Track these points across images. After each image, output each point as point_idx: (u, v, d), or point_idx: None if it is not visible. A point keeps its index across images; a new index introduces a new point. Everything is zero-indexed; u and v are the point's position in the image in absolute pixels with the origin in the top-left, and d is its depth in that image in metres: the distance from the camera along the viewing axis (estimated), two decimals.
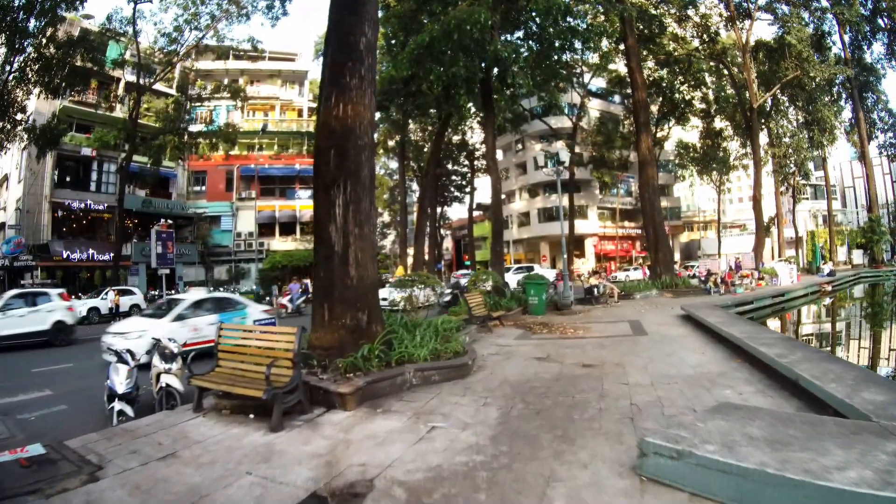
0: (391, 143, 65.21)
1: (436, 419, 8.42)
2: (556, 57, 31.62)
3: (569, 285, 26.78)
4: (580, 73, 56.83)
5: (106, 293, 38.91)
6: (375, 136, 64.81)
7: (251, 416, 8.82)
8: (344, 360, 10.29)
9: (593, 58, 55.15)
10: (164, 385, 10.31)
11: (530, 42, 32.03)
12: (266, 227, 64.28)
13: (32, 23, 36.28)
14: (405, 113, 50.69)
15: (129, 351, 10.65)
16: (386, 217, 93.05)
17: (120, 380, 9.74)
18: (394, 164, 78.11)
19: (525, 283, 25.88)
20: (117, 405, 9.53)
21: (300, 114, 72.70)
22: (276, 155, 67.78)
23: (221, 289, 51.50)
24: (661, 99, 56.31)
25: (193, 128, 55.15)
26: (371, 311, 11.61)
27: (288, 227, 65.15)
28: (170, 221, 50.36)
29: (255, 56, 64.16)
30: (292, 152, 69.01)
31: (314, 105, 67.58)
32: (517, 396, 9.62)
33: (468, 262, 67.24)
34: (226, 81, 58.85)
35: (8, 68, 36.77)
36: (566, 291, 26.13)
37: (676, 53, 49.01)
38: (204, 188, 64.17)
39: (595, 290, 29.74)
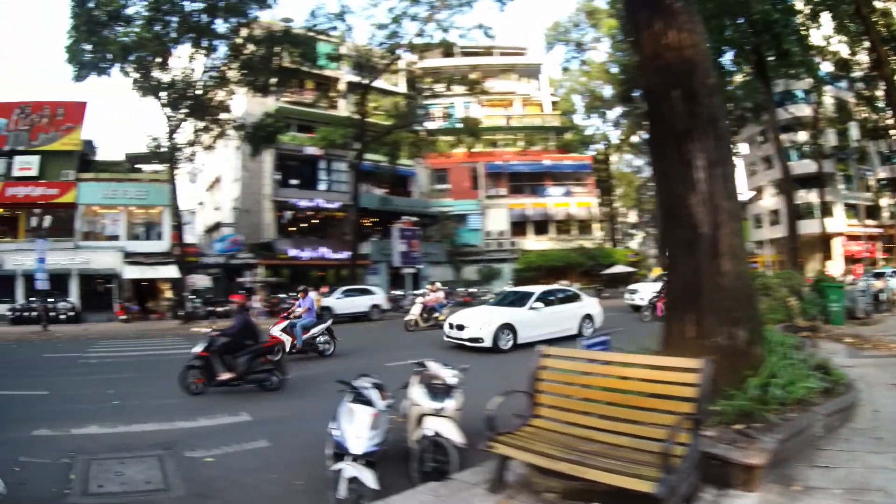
0: (635, 138, 63.81)
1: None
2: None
3: (869, 291, 22.89)
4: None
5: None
6: (618, 132, 68.50)
7: None
8: (729, 403, 6.28)
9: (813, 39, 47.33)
10: (429, 433, 6.49)
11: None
12: (517, 226, 59.05)
13: (220, 23, 35.95)
14: None
15: (377, 385, 6.64)
16: (631, 217, 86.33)
17: (357, 432, 5.86)
18: (637, 162, 74.55)
19: (825, 287, 21.47)
20: (349, 469, 5.62)
21: (541, 108, 67.66)
22: (522, 151, 63.03)
23: (469, 289, 47.70)
24: None
25: (428, 125, 50.58)
26: (752, 325, 7.54)
27: (540, 226, 59.62)
28: (413, 219, 46.48)
29: (484, 51, 61.40)
30: (538, 148, 64.01)
31: (556, 99, 66.24)
32: None
33: None
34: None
35: (200, 68, 36.66)
36: (867, 297, 22.15)
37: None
38: (447, 186, 60.05)
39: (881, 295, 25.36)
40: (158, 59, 34.77)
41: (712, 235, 7.32)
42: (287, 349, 16.50)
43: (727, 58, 37.15)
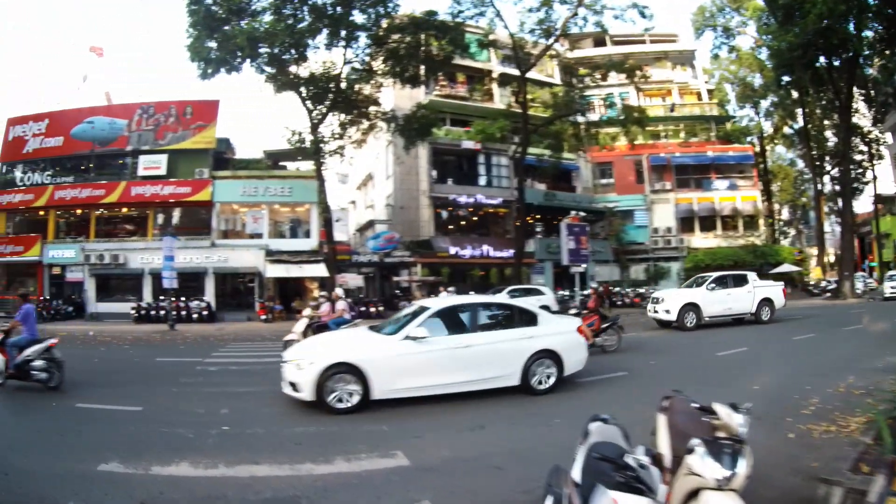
0: (787, 129, 60.34)
1: None
2: None
3: None
4: None
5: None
6: (769, 124, 64.86)
7: None
8: None
9: None
10: None
11: None
12: (685, 222, 52.51)
13: (357, 15, 32.98)
14: (802, 90, 46.99)
15: (651, 454, 4.38)
16: (784, 214, 78.27)
17: None
18: (789, 155, 69.61)
19: None
20: None
21: (699, 97, 60.46)
22: (685, 142, 56.55)
23: (640, 290, 43.40)
24: None
25: (589, 117, 46.09)
26: None
27: (706, 222, 52.74)
28: (582, 214, 41.04)
29: (636, 39, 55.35)
30: (700, 139, 57.27)
31: (711, 87, 60.57)
32: None
33: (873, 263, 58.13)
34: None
35: (341, 60, 34.15)
36: None
37: None
38: (611, 181, 54.23)
39: None
40: (293, 52, 32.18)
41: None
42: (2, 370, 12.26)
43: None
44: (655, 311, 23.89)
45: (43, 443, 8.02)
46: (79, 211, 39.32)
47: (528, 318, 11.65)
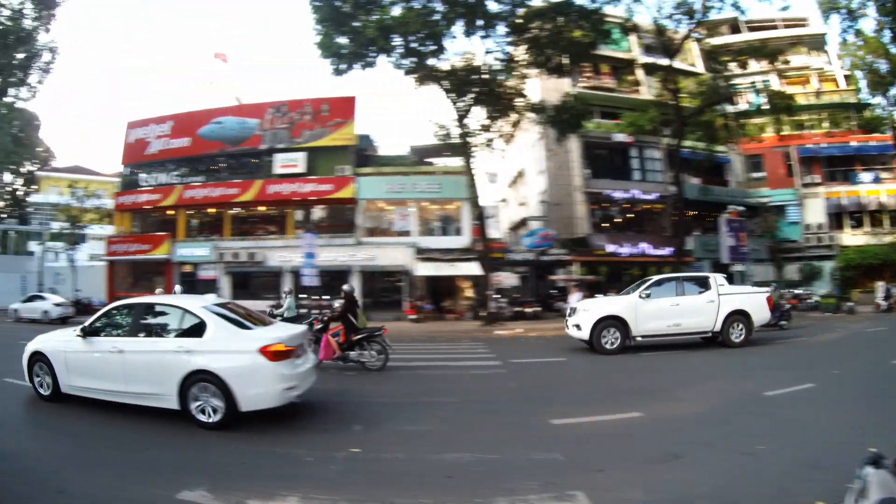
0: None
1: None
2: None
3: None
4: None
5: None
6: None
7: None
8: None
9: None
10: None
11: None
12: (835, 218, 47.78)
13: (492, 4, 30.95)
14: None
15: None
16: None
17: None
18: None
19: None
20: None
21: (836, 84, 55.89)
22: (829, 132, 51.40)
23: (793, 291, 39.69)
24: None
25: (737, 105, 44.49)
26: None
27: (855, 218, 48.02)
28: (740, 209, 38.90)
29: (769, 25, 52.73)
30: (842, 128, 52.34)
31: (847, 73, 55.00)
32: None
33: None
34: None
35: (481, 50, 32.67)
36: None
37: None
38: (762, 174, 50.49)
39: None
40: (429, 43, 30.05)
41: None
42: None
43: None
44: (567, 327, 18.37)
45: (115, 458, 6.87)
46: (211, 210, 39.24)
47: (193, 328, 8.65)
